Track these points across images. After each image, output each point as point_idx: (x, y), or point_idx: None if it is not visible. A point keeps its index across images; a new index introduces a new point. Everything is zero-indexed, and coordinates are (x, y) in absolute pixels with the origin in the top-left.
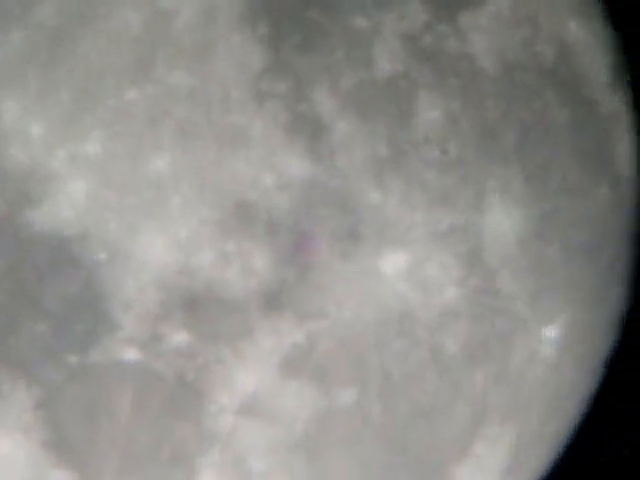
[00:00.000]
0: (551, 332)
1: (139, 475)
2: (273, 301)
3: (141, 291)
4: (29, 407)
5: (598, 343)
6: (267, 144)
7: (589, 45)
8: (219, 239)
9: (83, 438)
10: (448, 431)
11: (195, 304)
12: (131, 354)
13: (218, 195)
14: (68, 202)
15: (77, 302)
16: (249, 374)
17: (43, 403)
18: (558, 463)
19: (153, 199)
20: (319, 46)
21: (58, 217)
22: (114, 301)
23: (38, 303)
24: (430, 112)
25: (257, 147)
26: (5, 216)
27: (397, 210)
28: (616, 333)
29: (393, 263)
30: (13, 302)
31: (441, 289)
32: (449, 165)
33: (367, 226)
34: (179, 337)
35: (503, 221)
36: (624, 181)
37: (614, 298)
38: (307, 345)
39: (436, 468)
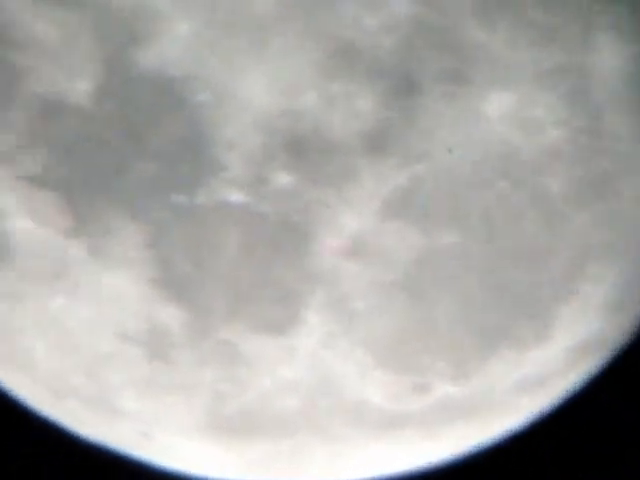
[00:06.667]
0: None
1: (247, 313)
2: (377, 143)
3: (245, 132)
4: (138, 245)
5: None
6: None
7: None
8: (323, 81)
9: (191, 277)
10: (550, 271)
11: (299, 146)
12: (236, 195)
13: (322, 36)
14: (173, 42)
15: (182, 143)
16: (352, 216)
17: (152, 242)
18: None
19: (257, 40)
20: None
21: (163, 57)
22: (218, 142)
23: (145, 144)
24: None
25: None
26: (112, 56)
27: (502, 50)
28: None
29: (497, 104)
30: (122, 143)
31: (545, 130)
32: (556, 1)
33: (471, 66)
34: (283, 179)
35: (611, 59)
36: None
37: None
38: (410, 187)
39: (539, 307)
